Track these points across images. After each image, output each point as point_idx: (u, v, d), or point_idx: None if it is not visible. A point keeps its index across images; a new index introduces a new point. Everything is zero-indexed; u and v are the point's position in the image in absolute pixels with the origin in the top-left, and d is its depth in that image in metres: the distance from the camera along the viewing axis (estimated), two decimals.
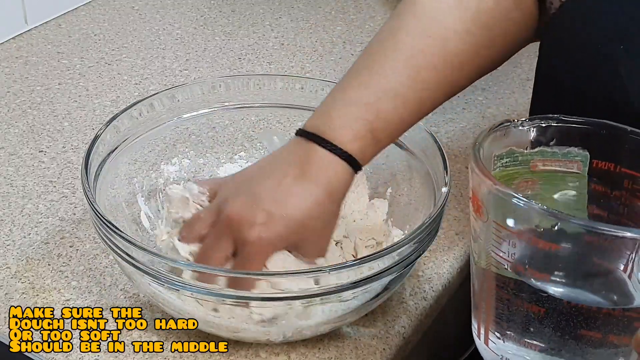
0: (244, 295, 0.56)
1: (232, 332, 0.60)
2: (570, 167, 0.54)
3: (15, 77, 0.98)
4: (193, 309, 0.60)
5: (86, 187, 0.61)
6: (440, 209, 0.60)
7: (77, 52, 1.05)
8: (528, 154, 0.54)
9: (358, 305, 0.61)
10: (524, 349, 0.49)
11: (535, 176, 0.54)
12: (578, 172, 0.54)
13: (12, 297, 0.66)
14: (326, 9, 1.20)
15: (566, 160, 0.54)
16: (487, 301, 0.50)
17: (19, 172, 0.81)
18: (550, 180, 0.54)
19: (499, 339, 0.50)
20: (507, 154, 0.53)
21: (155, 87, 0.97)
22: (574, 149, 0.54)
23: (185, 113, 0.74)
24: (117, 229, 0.58)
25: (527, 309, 0.48)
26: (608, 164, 0.53)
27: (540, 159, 0.54)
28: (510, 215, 0.47)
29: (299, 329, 0.60)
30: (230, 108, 0.76)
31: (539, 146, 0.54)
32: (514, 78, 1.04)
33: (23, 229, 0.74)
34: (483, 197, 0.48)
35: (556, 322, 0.47)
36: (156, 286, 0.59)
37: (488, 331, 0.51)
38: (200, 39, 1.10)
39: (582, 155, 0.53)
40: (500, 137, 0.53)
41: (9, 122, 0.89)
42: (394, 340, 0.64)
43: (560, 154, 0.54)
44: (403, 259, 0.58)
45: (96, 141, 0.66)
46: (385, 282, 0.60)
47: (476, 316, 0.52)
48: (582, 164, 0.54)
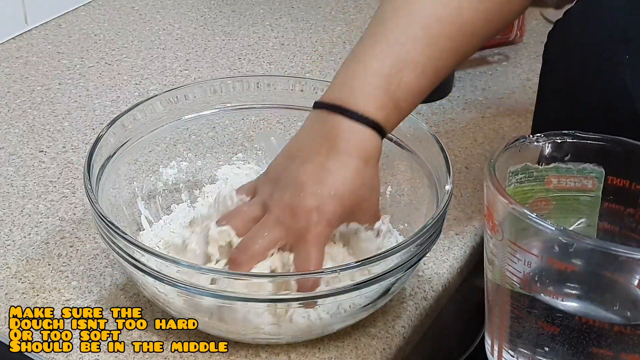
0: (241, 297, 0.56)
1: (232, 334, 0.60)
2: (585, 183, 0.54)
3: (15, 77, 0.98)
4: (193, 310, 0.60)
5: (88, 188, 0.61)
6: (443, 210, 0.60)
7: (77, 52, 1.05)
8: (543, 170, 0.54)
9: (358, 308, 0.61)
10: None
11: (549, 196, 0.54)
12: (592, 190, 0.54)
13: (12, 297, 0.66)
14: (326, 9, 1.20)
15: (581, 177, 0.54)
16: (501, 318, 0.50)
17: (19, 172, 0.81)
18: (564, 200, 0.55)
19: (512, 357, 0.50)
20: (522, 170, 0.54)
21: (156, 87, 0.97)
22: (589, 165, 0.54)
23: (185, 114, 0.74)
24: (119, 230, 0.58)
25: (541, 326, 0.48)
26: (623, 180, 0.53)
27: (555, 175, 0.54)
28: (525, 234, 0.47)
29: (301, 331, 0.60)
30: (230, 109, 0.76)
31: (554, 162, 0.54)
32: (514, 78, 1.04)
33: (23, 229, 0.74)
34: (498, 215, 0.48)
35: (568, 339, 0.47)
36: (158, 286, 0.59)
37: (502, 349, 0.51)
38: (200, 39, 1.10)
39: (597, 172, 0.54)
40: (515, 153, 0.53)
41: (9, 122, 0.89)
42: (394, 340, 0.64)
43: (576, 170, 0.54)
44: (406, 260, 0.58)
45: (98, 142, 0.66)
46: (387, 285, 0.60)
47: (490, 333, 0.52)
48: (597, 180, 0.54)
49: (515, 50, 1.11)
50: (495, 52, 1.09)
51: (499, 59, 1.08)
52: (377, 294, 0.60)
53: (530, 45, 1.12)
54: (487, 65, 1.07)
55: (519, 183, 0.54)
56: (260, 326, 0.58)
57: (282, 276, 0.58)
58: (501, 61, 1.08)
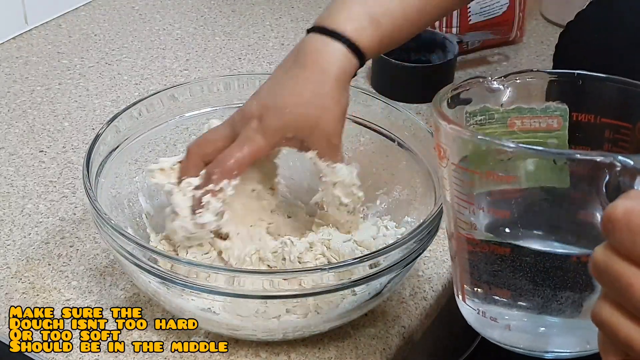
0: (242, 294, 0.56)
1: (232, 329, 0.60)
2: (551, 122, 0.51)
3: (15, 77, 0.98)
4: (193, 307, 0.60)
5: (87, 186, 0.61)
6: (440, 207, 0.60)
7: (77, 52, 1.05)
8: (504, 112, 0.52)
9: (356, 305, 0.61)
10: (496, 298, 0.48)
11: (515, 138, 0.52)
12: (558, 129, 0.51)
13: (12, 297, 0.66)
14: None
15: (545, 116, 0.51)
16: (459, 257, 0.49)
17: (19, 172, 0.81)
18: (531, 142, 0.52)
19: (473, 294, 0.49)
20: (481, 111, 0.51)
21: (156, 87, 0.97)
22: (552, 104, 0.51)
23: (185, 112, 0.74)
24: (118, 228, 0.58)
25: (494, 252, 0.46)
26: (588, 115, 0.51)
27: (518, 116, 0.51)
28: (465, 153, 0.46)
29: (299, 327, 0.60)
30: (229, 108, 0.76)
31: (515, 104, 0.52)
32: None
33: (23, 229, 0.74)
34: (442, 141, 0.46)
35: (520, 266, 0.46)
36: (157, 284, 0.59)
37: (463, 286, 0.50)
38: (200, 39, 1.10)
39: (561, 110, 0.51)
40: (472, 94, 0.51)
41: (9, 122, 0.89)
42: (394, 340, 0.64)
43: (539, 110, 0.52)
44: (403, 258, 0.58)
45: (97, 140, 0.66)
46: (384, 282, 0.60)
47: (454, 276, 0.51)
48: (562, 118, 0.51)
49: (515, 50, 1.11)
50: (495, 52, 1.09)
51: (499, 59, 1.08)
52: (373, 291, 0.60)
53: (530, 45, 1.12)
54: (487, 65, 1.07)
55: (480, 125, 0.51)
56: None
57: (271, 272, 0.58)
58: (501, 61, 1.08)
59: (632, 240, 0.34)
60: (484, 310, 0.49)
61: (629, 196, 0.36)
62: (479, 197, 0.46)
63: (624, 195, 0.36)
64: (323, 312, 0.60)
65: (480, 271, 0.48)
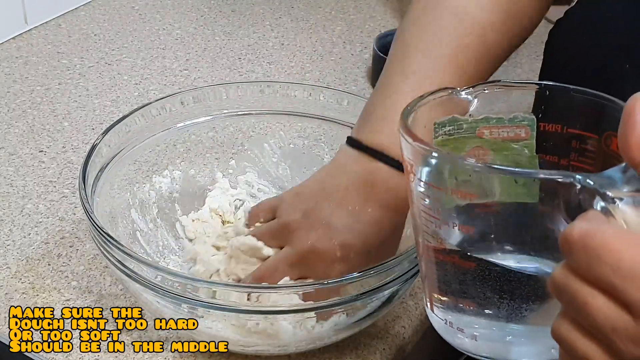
0: (236, 308, 0.56)
1: (242, 346, 0.60)
2: (518, 132, 0.51)
3: (15, 77, 0.98)
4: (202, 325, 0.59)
5: (84, 198, 0.60)
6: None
7: (77, 52, 1.05)
8: (473, 122, 0.51)
9: (358, 319, 0.60)
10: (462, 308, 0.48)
11: (486, 145, 0.52)
12: (526, 139, 0.51)
13: (12, 297, 0.66)
14: (326, 9, 1.20)
15: (513, 126, 0.51)
16: (427, 268, 0.49)
17: (19, 172, 0.81)
18: (500, 150, 0.52)
19: (442, 304, 0.50)
20: (450, 122, 0.51)
21: (155, 87, 0.97)
22: (520, 114, 0.51)
23: (177, 123, 0.73)
24: (114, 240, 0.57)
25: (460, 265, 0.46)
26: (555, 125, 0.51)
27: (487, 126, 0.51)
28: (429, 169, 0.46)
29: (301, 343, 0.60)
30: (222, 116, 0.75)
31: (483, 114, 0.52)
32: (514, 78, 1.03)
33: (23, 229, 0.74)
34: (408, 156, 0.46)
35: (485, 278, 0.46)
36: (151, 297, 0.58)
37: (432, 297, 0.50)
38: (200, 39, 1.10)
39: (528, 119, 0.51)
40: (441, 105, 0.51)
41: (9, 122, 0.89)
42: (394, 340, 0.64)
43: (507, 120, 0.51)
44: (406, 271, 0.58)
45: (93, 151, 0.65)
46: (391, 292, 0.59)
47: (423, 287, 0.52)
48: (529, 128, 0.51)
49: (515, 50, 1.11)
50: None
51: None
52: (381, 302, 0.60)
53: (530, 45, 1.12)
54: None
55: (449, 135, 0.51)
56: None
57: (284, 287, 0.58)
58: None
59: (587, 262, 0.35)
60: (451, 321, 0.49)
61: (587, 217, 0.37)
62: (445, 212, 0.47)
63: (582, 217, 0.37)
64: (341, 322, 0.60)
65: (447, 282, 0.48)
